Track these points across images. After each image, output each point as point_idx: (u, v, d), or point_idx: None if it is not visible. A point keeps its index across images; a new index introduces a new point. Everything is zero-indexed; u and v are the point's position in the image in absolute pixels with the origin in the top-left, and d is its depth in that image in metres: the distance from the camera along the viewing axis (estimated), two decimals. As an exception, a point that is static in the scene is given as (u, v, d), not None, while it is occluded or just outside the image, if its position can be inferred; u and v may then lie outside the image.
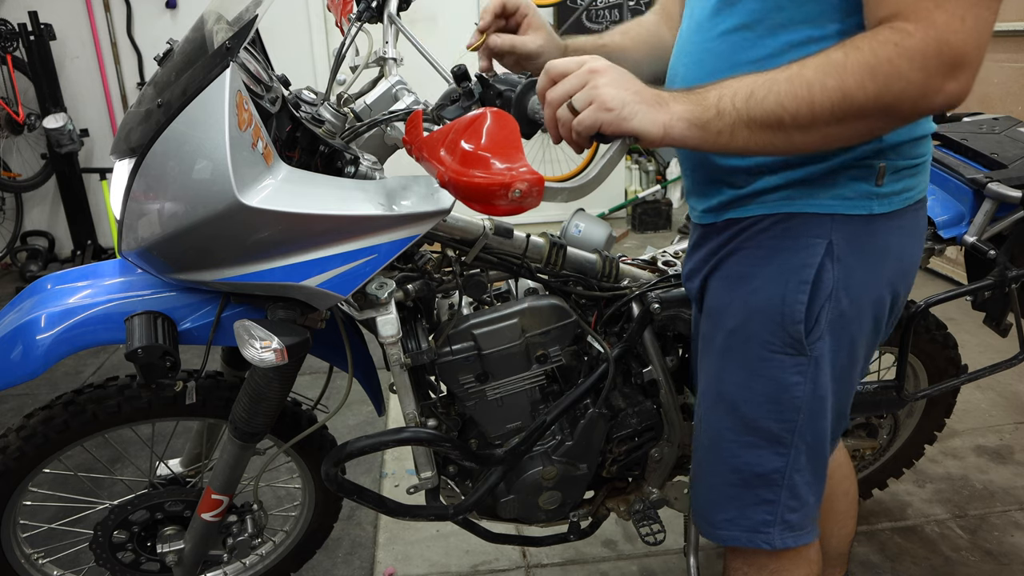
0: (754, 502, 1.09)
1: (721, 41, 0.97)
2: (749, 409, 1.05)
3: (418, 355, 1.22)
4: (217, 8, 1.17)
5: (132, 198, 1.02)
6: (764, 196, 0.99)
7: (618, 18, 4.49)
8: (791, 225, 0.97)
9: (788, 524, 1.09)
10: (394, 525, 2.05)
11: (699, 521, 1.18)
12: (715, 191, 1.04)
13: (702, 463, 1.15)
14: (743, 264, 1.02)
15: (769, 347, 1.01)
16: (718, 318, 1.07)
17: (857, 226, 0.96)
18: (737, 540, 1.11)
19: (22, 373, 1.14)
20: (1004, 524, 2.03)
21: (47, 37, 4.01)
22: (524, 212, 0.90)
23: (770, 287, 0.99)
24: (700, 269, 1.11)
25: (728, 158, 1.00)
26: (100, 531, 1.42)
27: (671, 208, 4.80)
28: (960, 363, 1.76)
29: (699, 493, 1.17)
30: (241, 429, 1.27)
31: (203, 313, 1.19)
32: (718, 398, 1.08)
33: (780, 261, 0.98)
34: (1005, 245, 1.50)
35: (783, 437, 1.05)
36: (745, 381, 1.04)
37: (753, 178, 0.99)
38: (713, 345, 1.09)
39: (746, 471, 1.08)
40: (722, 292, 1.06)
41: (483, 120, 0.88)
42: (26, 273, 4.11)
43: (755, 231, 1.00)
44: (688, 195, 1.14)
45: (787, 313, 0.98)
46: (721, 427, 1.09)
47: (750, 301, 1.01)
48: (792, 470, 1.06)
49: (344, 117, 1.24)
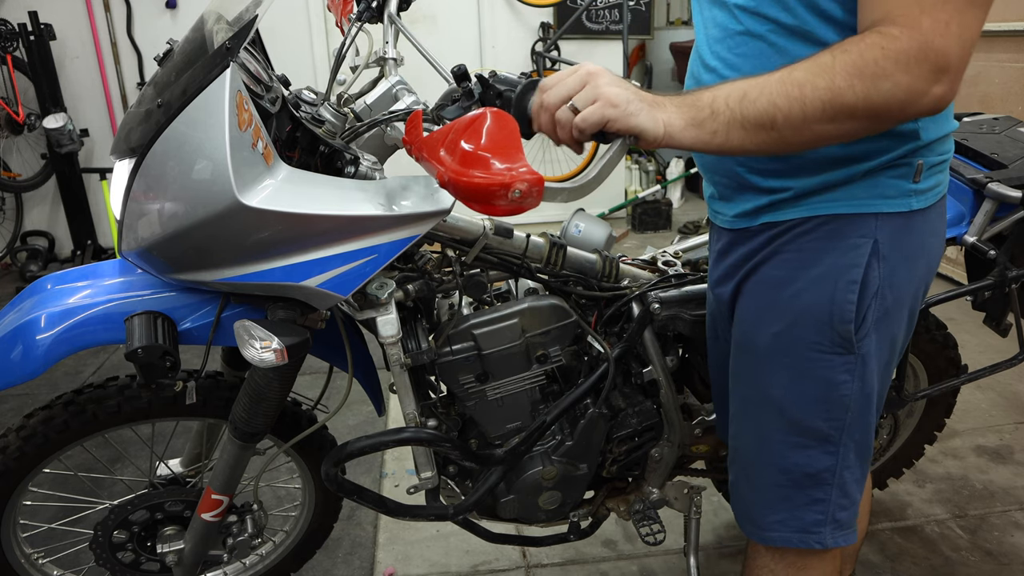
0: (805, 502, 1.09)
1: (751, 48, 0.96)
2: (797, 410, 1.05)
3: (418, 355, 1.22)
4: (217, 8, 1.17)
5: (132, 198, 1.02)
6: (804, 199, 0.99)
7: (618, 18, 4.48)
8: (836, 226, 0.98)
9: (838, 523, 1.10)
10: (394, 525, 2.05)
11: (745, 524, 1.17)
12: (748, 196, 1.04)
13: (748, 467, 1.14)
14: (784, 268, 1.02)
15: (817, 348, 1.01)
16: (758, 322, 1.06)
17: (898, 223, 0.98)
18: (788, 541, 1.12)
19: (22, 373, 1.15)
20: (1004, 524, 2.03)
21: (47, 37, 4.01)
22: (524, 212, 0.90)
23: (817, 288, 0.99)
24: (732, 275, 1.10)
25: (760, 162, 1.00)
26: (100, 531, 1.42)
27: (671, 208, 4.80)
28: (960, 363, 1.76)
29: (744, 496, 1.16)
30: (241, 429, 1.27)
31: (203, 313, 1.19)
32: (764, 401, 1.08)
33: (827, 263, 0.99)
34: (1005, 245, 1.50)
35: (832, 436, 1.05)
36: (792, 383, 1.04)
37: (789, 181, 0.99)
38: (754, 349, 1.08)
39: (796, 472, 1.08)
40: (762, 296, 1.06)
41: (483, 120, 0.88)
42: (26, 273, 4.10)
43: (795, 234, 1.00)
44: (713, 201, 1.13)
45: (836, 313, 0.99)
46: (768, 429, 1.09)
47: (795, 304, 1.01)
48: (842, 468, 1.07)
49: (344, 117, 1.24)
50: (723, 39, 1.00)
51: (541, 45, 4.43)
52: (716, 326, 1.27)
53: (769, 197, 1.01)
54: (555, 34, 4.40)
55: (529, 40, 4.50)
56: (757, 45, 0.95)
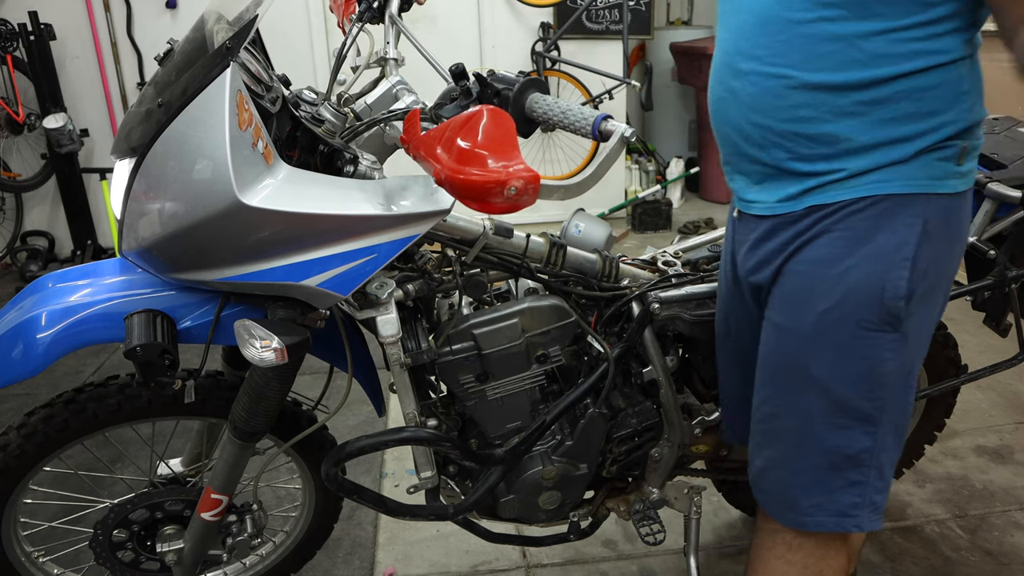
0: (842, 485, 1.09)
1: (800, 32, 0.96)
2: (841, 389, 1.05)
3: (418, 355, 1.22)
4: (217, 8, 1.17)
5: (132, 198, 1.02)
6: (854, 180, 0.99)
7: (618, 18, 4.48)
8: (889, 205, 0.99)
9: (875, 506, 1.11)
10: (394, 525, 2.05)
11: (778, 509, 1.17)
12: (792, 181, 1.04)
13: (785, 450, 1.14)
14: (834, 245, 1.02)
15: (865, 325, 1.02)
16: (804, 301, 1.06)
17: (944, 204, 1.00)
18: (824, 525, 1.12)
19: (23, 370, 1.15)
20: (1004, 524, 2.03)
21: (47, 37, 4.01)
22: (520, 210, 0.90)
23: (868, 265, 1.00)
24: (772, 259, 1.09)
25: (807, 148, 1.00)
26: (100, 530, 1.42)
27: (671, 208, 4.80)
28: (960, 363, 1.76)
29: (779, 481, 1.16)
30: (240, 428, 1.27)
31: (203, 312, 1.19)
32: (805, 382, 1.08)
33: (880, 241, 1.00)
34: (1005, 245, 1.50)
35: (873, 415, 1.06)
36: (837, 361, 1.05)
37: (840, 163, 0.99)
38: (796, 329, 1.07)
39: (836, 453, 1.08)
40: (808, 275, 1.05)
41: (479, 118, 0.88)
42: (26, 273, 4.10)
43: (845, 213, 1.01)
44: (746, 190, 1.12)
45: (889, 289, 1.00)
46: (810, 410, 1.08)
47: (845, 280, 1.01)
48: (880, 449, 1.08)
49: (344, 117, 1.24)
50: (772, 31, 0.98)
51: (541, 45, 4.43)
52: (730, 320, 1.27)
53: (818, 179, 1.01)
54: (555, 34, 4.40)
55: (529, 40, 4.50)
56: (820, 29, 0.95)
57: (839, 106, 0.96)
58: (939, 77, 0.94)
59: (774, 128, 1.02)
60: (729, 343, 1.29)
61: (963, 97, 0.97)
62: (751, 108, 1.03)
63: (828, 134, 0.98)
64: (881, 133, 0.96)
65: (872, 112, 0.96)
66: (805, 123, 0.99)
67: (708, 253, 1.54)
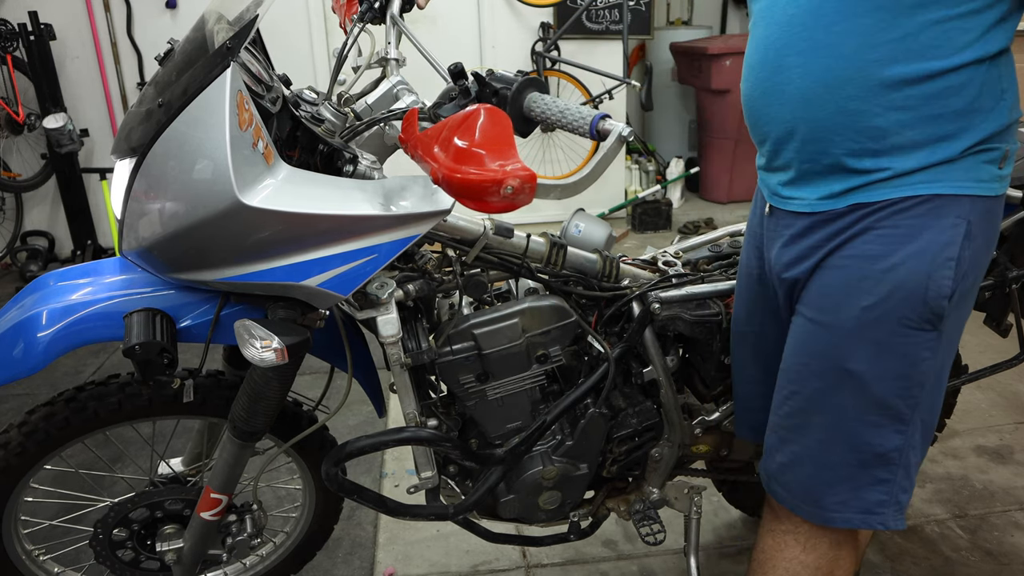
0: (870, 482, 1.10)
1: (853, 25, 0.96)
2: (879, 386, 1.06)
3: (418, 355, 1.22)
4: (217, 8, 1.17)
5: (133, 198, 1.02)
6: (901, 179, 1.00)
7: (618, 18, 4.48)
8: (936, 205, 0.99)
9: (900, 505, 1.11)
10: (394, 525, 2.05)
11: (801, 505, 1.16)
12: (837, 178, 1.04)
13: (813, 445, 1.13)
14: (879, 242, 1.02)
15: (907, 323, 1.02)
16: (845, 296, 1.06)
17: (986, 207, 1.01)
18: (850, 522, 1.12)
19: (23, 368, 1.15)
20: (1004, 524, 2.03)
21: (47, 37, 4.01)
22: (516, 209, 0.90)
23: (915, 263, 1.00)
24: (810, 255, 1.09)
25: (857, 142, 1.00)
26: (100, 529, 1.42)
27: (671, 208, 4.80)
28: (960, 363, 1.76)
29: (804, 477, 1.15)
30: (240, 428, 1.27)
31: (203, 311, 1.19)
32: (843, 376, 1.08)
33: (926, 239, 1.00)
34: (1005, 245, 1.50)
35: (905, 414, 1.07)
36: (876, 357, 1.05)
37: (887, 160, 0.99)
38: (835, 324, 1.07)
39: (866, 451, 1.08)
40: (852, 270, 1.05)
41: (476, 117, 0.88)
42: (26, 273, 4.10)
43: (891, 212, 1.01)
44: (786, 187, 1.11)
45: (933, 288, 1.00)
46: (845, 406, 1.09)
47: (890, 277, 1.02)
48: (909, 448, 1.08)
49: (344, 117, 1.24)
50: (826, 24, 0.98)
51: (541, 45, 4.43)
52: (754, 318, 1.26)
53: (863, 178, 1.01)
54: (555, 34, 4.40)
55: (529, 40, 4.50)
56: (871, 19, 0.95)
57: (890, 100, 0.97)
58: (984, 73, 0.96)
59: (822, 122, 1.01)
60: (750, 339, 1.29)
61: (1004, 95, 0.99)
62: (799, 102, 1.02)
63: (877, 128, 0.98)
64: (928, 130, 0.97)
65: (921, 107, 0.96)
66: (855, 116, 0.99)
67: (708, 253, 1.54)
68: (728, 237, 1.60)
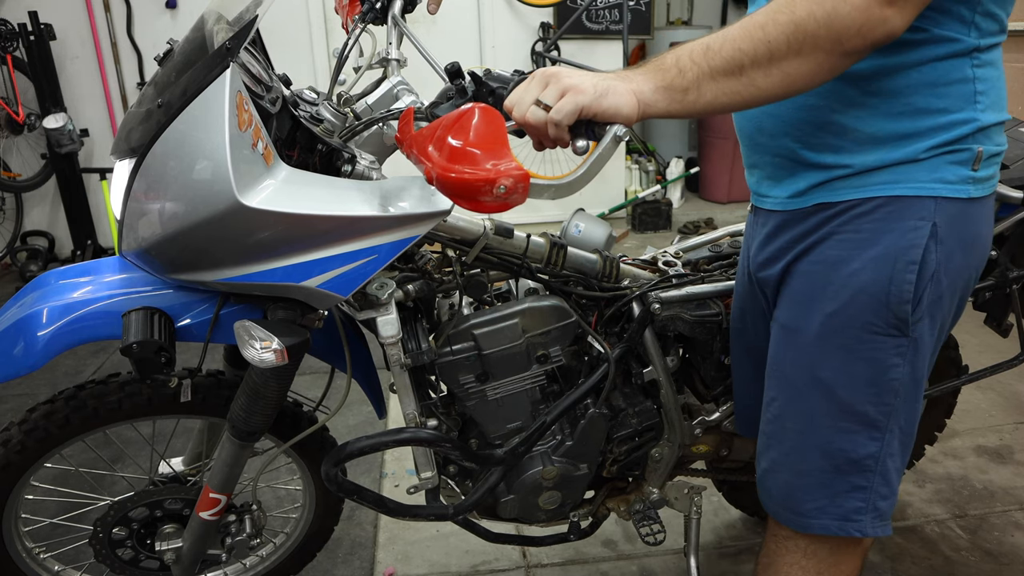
0: (846, 489, 1.09)
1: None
2: (847, 393, 1.05)
3: (418, 355, 1.22)
4: (217, 8, 1.17)
5: (132, 198, 1.02)
6: (862, 177, 0.99)
7: (618, 18, 4.48)
8: (896, 208, 0.98)
9: (879, 512, 1.10)
10: (394, 525, 2.05)
11: (781, 511, 1.16)
12: (801, 175, 1.04)
13: (789, 452, 1.14)
14: (840, 248, 1.02)
15: (872, 328, 1.01)
16: (811, 303, 1.06)
17: (957, 210, 0.99)
18: (827, 529, 1.11)
19: (23, 365, 1.15)
20: (1004, 524, 2.03)
21: (47, 37, 4.01)
22: (510, 208, 0.90)
23: (875, 268, 1.00)
24: (780, 257, 1.10)
25: (815, 136, 1.01)
26: (100, 527, 1.42)
27: (671, 208, 4.80)
28: (960, 363, 1.76)
29: (782, 483, 1.15)
30: (239, 428, 1.27)
31: (202, 310, 1.19)
32: (811, 384, 1.08)
33: (886, 243, 0.99)
34: (1006, 246, 1.50)
35: (879, 421, 1.05)
36: (843, 365, 1.04)
37: (847, 157, 0.99)
38: (804, 330, 1.07)
39: (839, 457, 1.08)
40: (816, 276, 1.05)
41: (470, 116, 0.88)
42: (26, 273, 4.10)
43: (853, 215, 1.01)
44: (760, 184, 1.13)
45: (895, 293, 0.99)
46: (815, 413, 1.08)
47: (851, 283, 1.01)
48: (886, 455, 1.07)
49: (344, 117, 1.24)
50: None
51: (541, 45, 4.43)
52: (746, 316, 1.27)
53: (825, 174, 1.01)
54: (555, 34, 4.40)
55: (529, 40, 4.50)
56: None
57: (847, 96, 0.97)
58: (947, 72, 0.94)
59: (783, 117, 1.03)
60: (744, 338, 1.29)
61: (977, 97, 0.96)
62: None
63: (836, 124, 0.98)
64: (888, 126, 0.96)
65: (880, 104, 0.96)
66: (813, 111, 1.00)
67: (708, 253, 1.54)
68: (728, 237, 1.60)
